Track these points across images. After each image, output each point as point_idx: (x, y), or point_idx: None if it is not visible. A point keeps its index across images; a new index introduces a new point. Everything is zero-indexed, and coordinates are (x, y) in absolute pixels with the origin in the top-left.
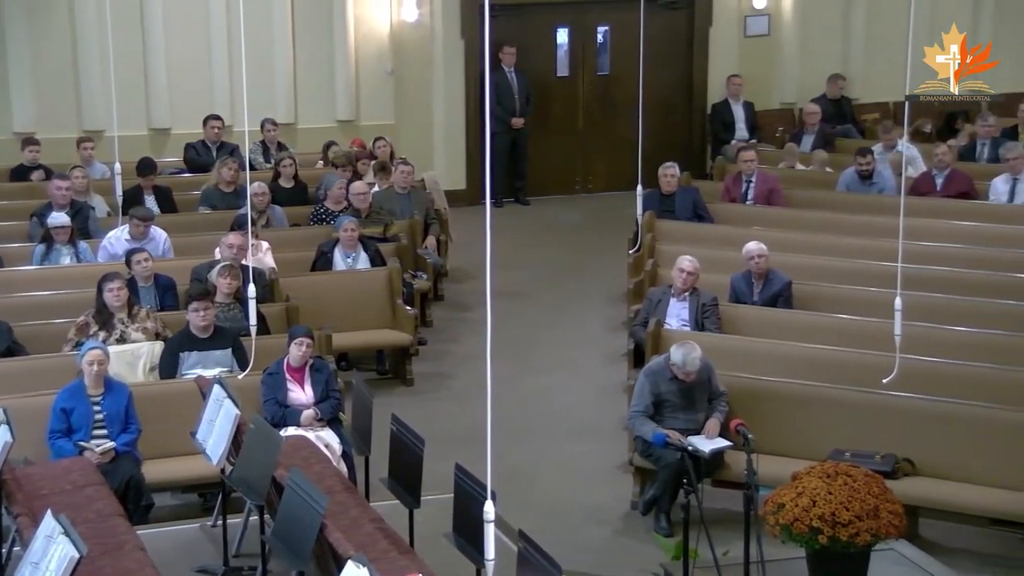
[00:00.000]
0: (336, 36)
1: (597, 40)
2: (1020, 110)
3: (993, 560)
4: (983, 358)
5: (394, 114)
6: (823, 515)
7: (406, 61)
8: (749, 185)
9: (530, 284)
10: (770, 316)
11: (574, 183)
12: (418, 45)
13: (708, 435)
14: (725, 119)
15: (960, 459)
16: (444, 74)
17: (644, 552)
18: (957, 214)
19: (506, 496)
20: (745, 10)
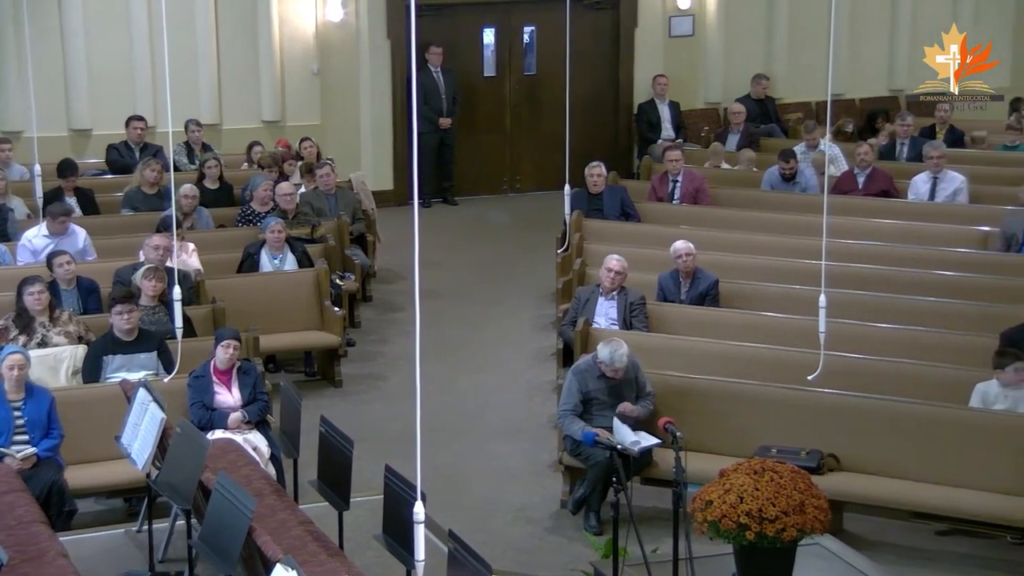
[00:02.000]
0: (260, 36)
1: (523, 40)
2: (937, 110)
3: (914, 552)
4: (905, 354)
5: (320, 115)
6: (750, 511)
7: (332, 61)
8: (676, 184)
9: (459, 284)
10: (697, 314)
11: (502, 183)
12: (344, 45)
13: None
14: (651, 119)
15: (883, 454)
16: (370, 74)
17: (574, 550)
18: (879, 212)
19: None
20: (670, 11)
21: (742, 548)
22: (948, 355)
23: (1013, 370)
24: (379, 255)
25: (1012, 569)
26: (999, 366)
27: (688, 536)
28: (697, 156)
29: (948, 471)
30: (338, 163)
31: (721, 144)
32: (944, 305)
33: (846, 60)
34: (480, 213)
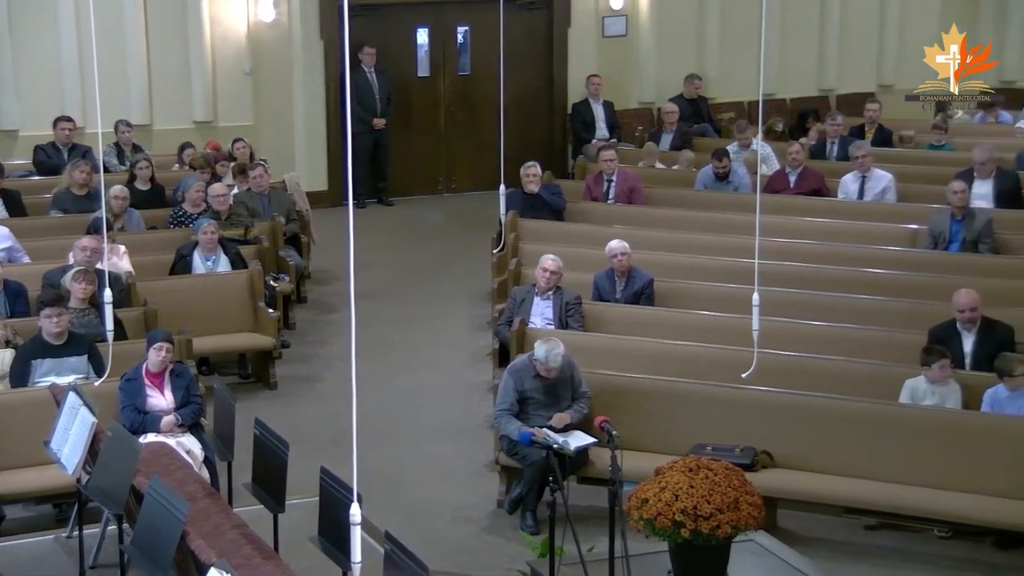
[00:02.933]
0: (191, 36)
1: (457, 40)
2: (866, 109)
3: (846, 547)
4: (837, 351)
5: (253, 115)
6: (685, 509)
7: (264, 61)
8: (610, 184)
9: (394, 285)
10: (633, 313)
11: (437, 183)
12: (276, 45)
13: (555, 424)
14: (585, 118)
15: (816, 450)
16: (304, 74)
17: (511, 550)
18: (810, 211)
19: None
20: (603, 11)
21: (677, 545)
22: (878, 352)
23: (939, 367)
24: (314, 256)
25: (938, 562)
26: (926, 363)
27: (624, 534)
28: (631, 156)
29: (879, 466)
30: (271, 164)
31: (655, 144)
32: (874, 302)
33: (777, 60)
34: (415, 213)
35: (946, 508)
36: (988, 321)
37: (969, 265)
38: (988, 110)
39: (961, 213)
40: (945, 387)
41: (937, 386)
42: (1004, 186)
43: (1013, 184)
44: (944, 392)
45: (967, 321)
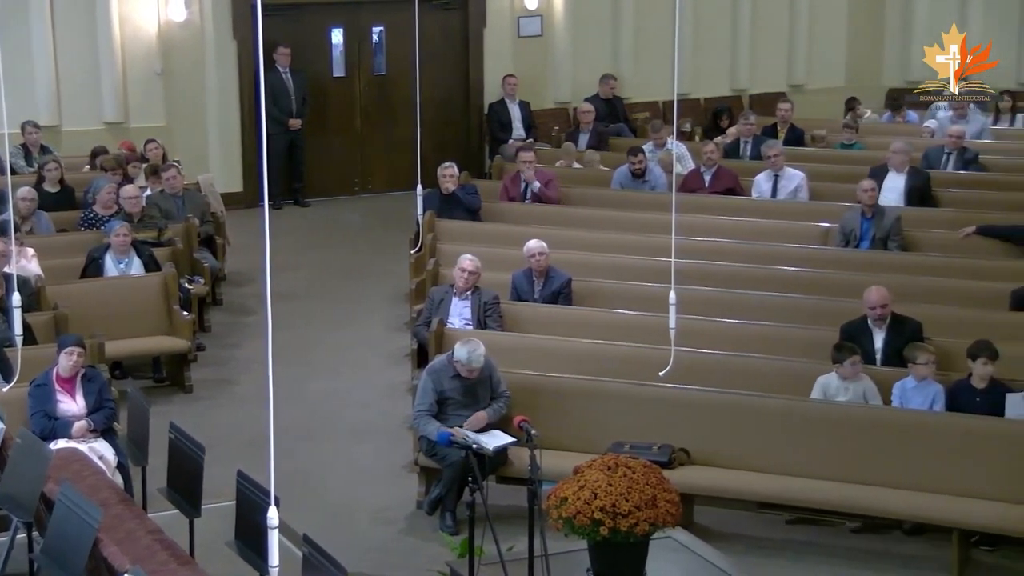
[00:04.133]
0: (100, 35)
1: (372, 40)
2: (778, 109)
3: (762, 542)
4: (752, 349)
5: (165, 116)
6: (604, 507)
7: (176, 61)
8: (527, 184)
9: (312, 286)
10: (551, 313)
11: (353, 184)
12: (188, 45)
13: (471, 425)
14: (502, 119)
15: (732, 447)
16: (217, 75)
17: (430, 551)
18: (724, 210)
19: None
20: (518, 11)
21: (596, 543)
22: (792, 348)
23: (850, 364)
24: (229, 258)
25: (852, 555)
26: (837, 360)
27: (543, 533)
28: (548, 155)
29: (794, 462)
30: (185, 165)
31: (573, 144)
32: (788, 300)
33: (690, 61)
34: (332, 214)
35: (859, 502)
36: (898, 317)
37: (879, 262)
38: (896, 111)
39: (871, 211)
40: (857, 383)
41: (848, 382)
42: (915, 184)
43: (923, 183)
44: (856, 388)
45: (878, 318)
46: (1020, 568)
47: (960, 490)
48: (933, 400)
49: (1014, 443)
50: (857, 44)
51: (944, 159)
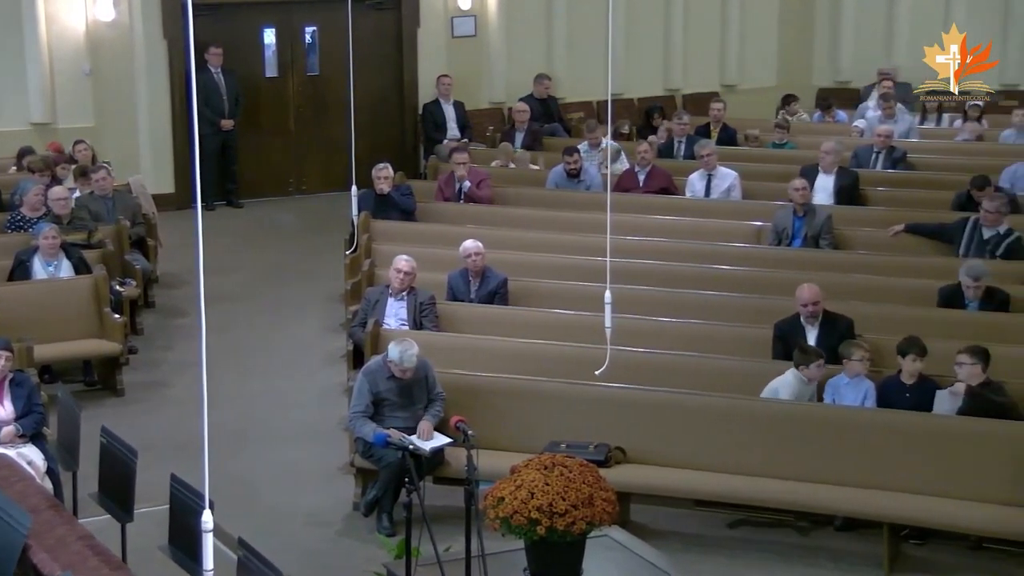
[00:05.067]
0: (26, 34)
1: (305, 40)
2: (711, 109)
3: (698, 539)
4: (687, 347)
5: (94, 116)
6: (541, 506)
7: (105, 61)
8: (462, 184)
9: (246, 288)
10: (487, 313)
11: (287, 184)
12: (117, 45)
13: (421, 437)
14: (436, 119)
15: (668, 445)
16: (147, 75)
17: (367, 552)
18: (659, 209)
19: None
20: (452, 11)
21: (533, 543)
22: (727, 346)
23: (816, 367)
24: (161, 260)
25: (785, 551)
26: (803, 363)
27: (480, 533)
28: (483, 155)
29: (730, 459)
30: (115, 166)
31: (509, 144)
32: (722, 298)
33: (624, 60)
34: (266, 215)
35: (792, 498)
36: (830, 314)
37: (811, 260)
38: (826, 110)
39: (803, 210)
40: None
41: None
42: (844, 183)
43: (852, 182)
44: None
45: (810, 315)
46: (949, 561)
47: (891, 485)
48: (865, 396)
49: (942, 438)
50: (788, 45)
51: (873, 158)
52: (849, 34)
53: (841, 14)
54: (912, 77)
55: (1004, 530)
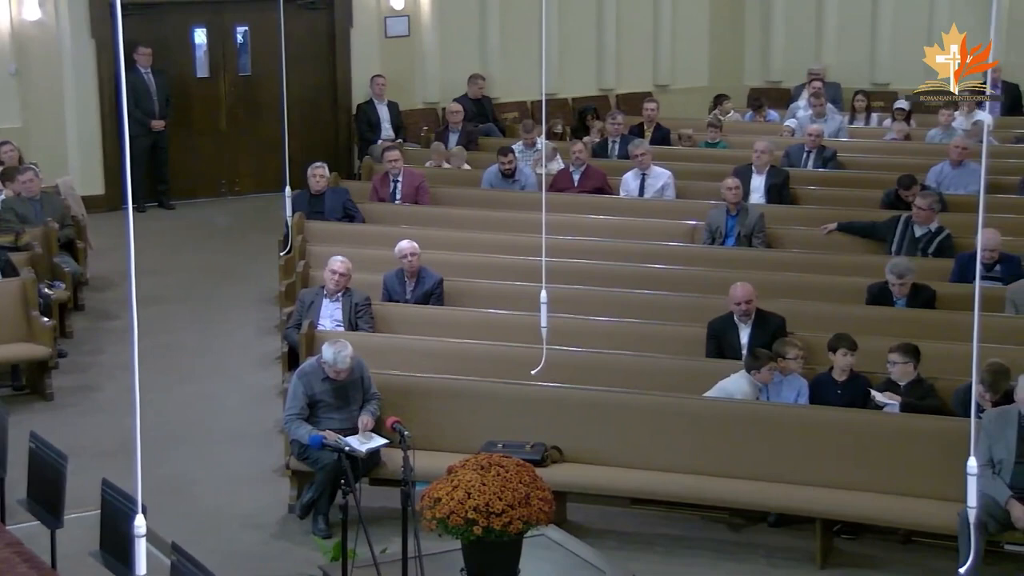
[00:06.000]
0: None
1: (236, 40)
2: (645, 108)
3: (635, 537)
4: (622, 346)
5: (21, 117)
6: (478, 506)
7: (32, 61)
8: (396, 184)
9: (178, 290)
10: (423, 313)
11: (220, 185)
12: (44, 45)
13: (363, 431)
14: (370, 119)
15: (603, 443)
16: (74, 75)
17: (302, 555)
18: (593, 209)
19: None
20: (385, 11)
21: (470, 543)
22: (662, 345)
23: (768, 370)
24: (91, 262)
25: (719, 548)
26: (754, 367)
27: (417, 534)
28: (417, 156)
29: (664, 457)
30: (43, 168)
31: (442, 144)
32: (657, 297)
33: (557, 60)
34: (198, 217)
35: (727, 495)
36: (762, 313)
37: (744, 259)
38: (758, 110)
39: (736, 209)
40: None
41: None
42: (775, 183)
43: (782, 181)
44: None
45: (743, 313)
46: (879, 555)
47: (823, 481)
48: (798, 393)
49: (873, 434)
50: (719, 45)
51: (804, 157)
52: (779, 34)
53: (771, 15)
54: (841, 77)
55: (932, 524)
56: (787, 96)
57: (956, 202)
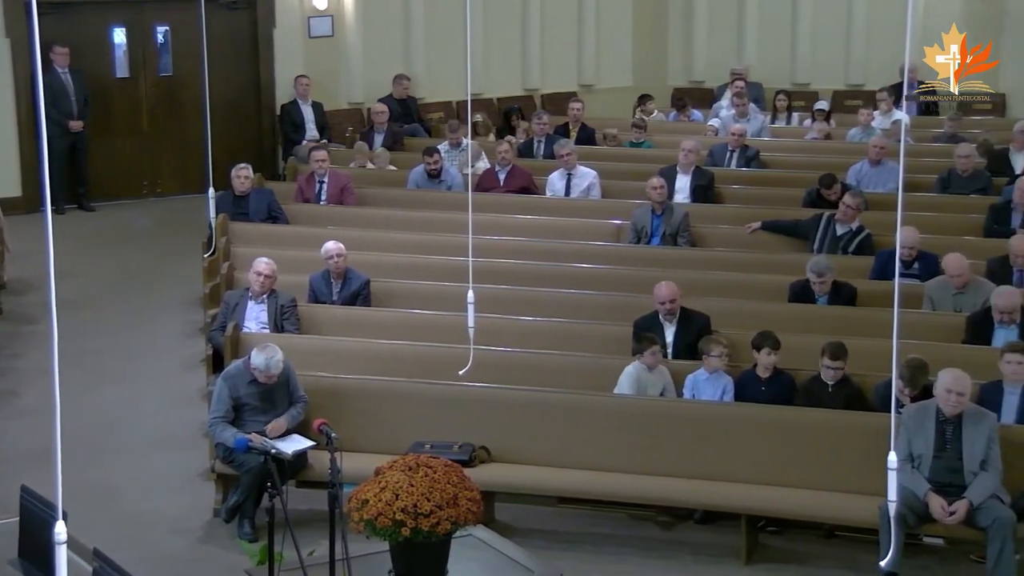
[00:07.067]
0: None
1: (157, 40)
2: (570, 108)
3: (562, 536)
4: (550, 345)
5: None
6: (406, 507)
7: None
8: (322, 185)
9: (100, 293)
10: (350, 314)
11: (142, 187)
12: None
13: (271, 433)
14: (295, 119)
15: (531, 443)
16: None
17: (228, 559)
18: (519, 209)
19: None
20: (308, 11)
21: (398, 544)
22: (589, 344)
23: (650, 354)
24: (9, 265)
25: (646, 546)
26: (638, 351)
27: (345, 536)
28: (342, 156)
29: (591, 456)
30: None
31: (366, 144)
32: (583, 296)
33: (482, 61)
34: (120, 219)
35: (654, 493)
36: (687, 312)
37: (669, 258)
38: (681, 110)
39: (661, 208)
40: (658, 376)
41: (653, 374)
42: (700, 182)
43: (708, 181)
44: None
45: (667, 312)
46: (803, 550)
47: (748, 477)
48: (723, 391)
49: (796, 430)
50: (642, 45)
51: (728, 157)
52: (702, 35)
53: (694, 15)
54: (762, 77)
55: (854, 518)
56: (710, 96)
57: (875, 200)
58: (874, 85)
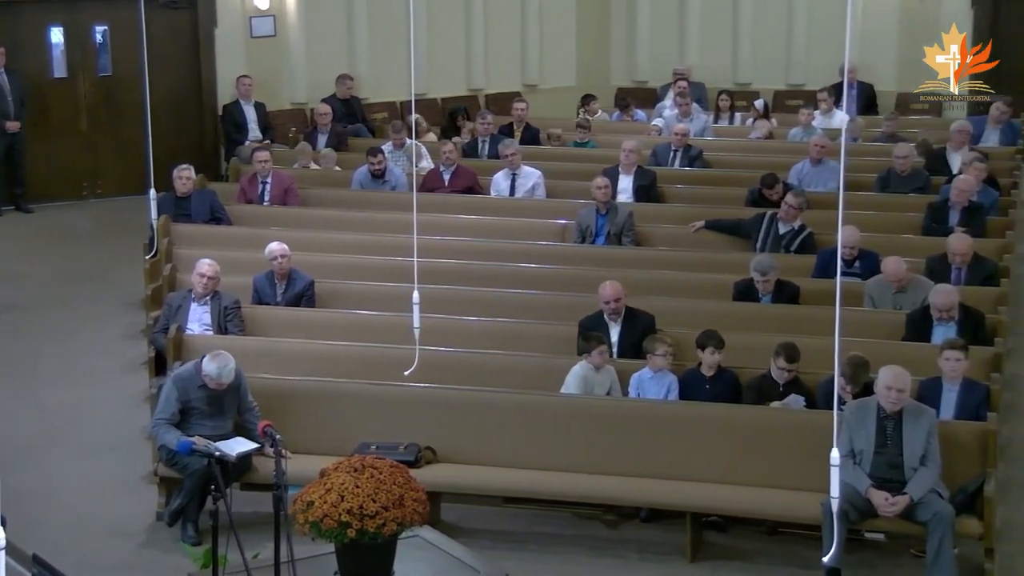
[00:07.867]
0: None
1: (96, 40)
2: (514, 108)
3: (507, 536)
4: (495, 345)
5: None
6: (351, 509)
7: None
8: (265, 186)
9: (39, 295)
10: (294, 316)
11: (82, 188)
12: None
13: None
14: (237, 120)
15: (477, 443)
16: None
17: (172, 562)
18: (464, 209)
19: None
20: (249, 11)
21: (344, 546)
22: (534, 344)
23: (597, 353)
24: None
25: (592, 544)
26: (585, 350)
27: (290, 538)
28: (286, 157)
29: (537, 456)
30: None
31: (309, 144)
32: (528, 296)
33: (426, 60)
34: (59, 220)
35: (599, 492)
36: (632, 310)
37: (613, 258)
38: (625, 110)
39: (605, 208)
40: (605, 374)
41: (600, 373)
42: (643, 182)
43: (650, 181)
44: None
45: (612, 311)
46: (747, 547)
47: (693, 475)
48: (668, 390)
49: (739, 428)
50: (586, 45)
51: (671, 156)
52: (644, 35)
53: (636, 15)
54: (705, 77)
55: (797, 515)
56: (653, 96)
57: (816, 199)
58: (815, 85)
